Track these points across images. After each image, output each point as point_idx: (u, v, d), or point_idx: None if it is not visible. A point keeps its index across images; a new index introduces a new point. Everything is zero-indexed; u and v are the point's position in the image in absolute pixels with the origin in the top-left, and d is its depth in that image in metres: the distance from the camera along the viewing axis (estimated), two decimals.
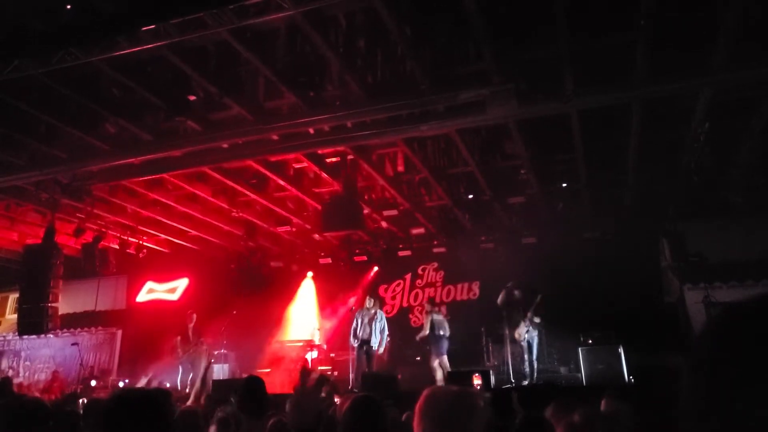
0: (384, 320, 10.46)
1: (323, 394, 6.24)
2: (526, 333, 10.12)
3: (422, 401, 1.90)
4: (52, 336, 14.59)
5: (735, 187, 10.16)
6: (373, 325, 10.19)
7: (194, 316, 11.00)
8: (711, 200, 10.54)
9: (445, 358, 10.20)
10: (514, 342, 10.49)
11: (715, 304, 10.23)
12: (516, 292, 10.35)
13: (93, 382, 12.45)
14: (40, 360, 15.24)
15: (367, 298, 10.73)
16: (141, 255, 13.52)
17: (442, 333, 10.28)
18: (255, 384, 4.15)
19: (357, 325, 10.29)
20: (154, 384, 11.41)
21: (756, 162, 9.22)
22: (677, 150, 9.03)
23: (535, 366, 10.07)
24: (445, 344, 10.30)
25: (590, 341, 10.04)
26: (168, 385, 11.62)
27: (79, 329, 14.95)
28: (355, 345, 10.24)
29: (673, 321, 11.01)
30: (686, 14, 5.99)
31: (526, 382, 9.85)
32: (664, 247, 11.61)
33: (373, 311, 10.35)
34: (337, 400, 5.42)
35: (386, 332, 10.45)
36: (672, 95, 7.33)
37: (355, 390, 8.49)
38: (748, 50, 6.25)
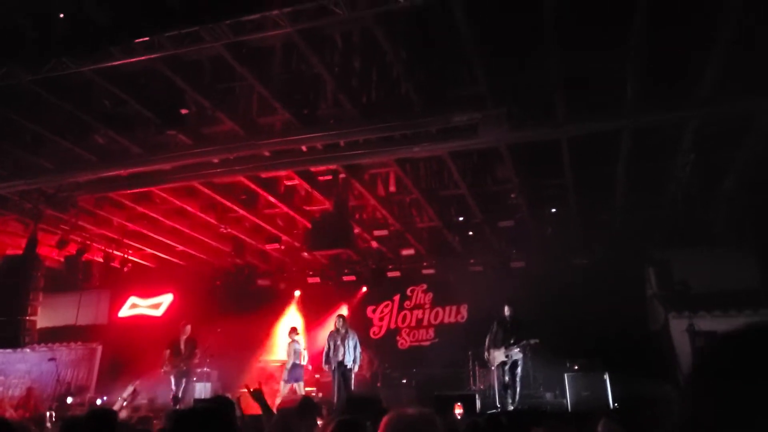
0: (356, 338, 10.41)
1: (305, 416, 6.11)
2: (506, 357, 9.95)
3: (383, 426, 1.91)
4: (28, 350, 14.24)
5: (720, 218, 10.30)
6: (346, 344, 10.13)
7: (188, 327, 10.85)
8: (696, 230, 10.65)
9: (302, 384, 11.01)
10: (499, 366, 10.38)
11: (699, 333, 10.29)
12: (506, 317, 10.19)
13: (69, 399, 12.13)
14: (15, 375, 14.80)
15: (337, 319, 10.64)
16: (125, 269, 13.32)
17: (298, 362, 11.07)
18: (223, 404, 4.02)
19: (329, 348, 10.20)
20: (140, 398, 11.18)
21: (740, 193, 9.36)
22: (664, 179, 9.15)
23: (518, 390, 9.96)
24: (301, 371, 11.15)
25: (576, 367, 10.03)
26: (145, 401, 11.40)
27: (57, 344, 14.59)
28: (330, 369, 10.17)
29: (658, 349, 11.03)
30: (675, 47, 6.12)
31: (511, 408, 9.76)
32: (650, 276, 11.70)
33: (343, 331, 10.28)
34: (319, 422, 5.30)
35: (359, 349, 10.38)
36: (660, 125, 7.46)
37: (338, 412, 8.35)
38: (734, 84, 6.39)
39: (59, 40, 5.77)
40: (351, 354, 10.13)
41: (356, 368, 10.35)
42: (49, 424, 9.06)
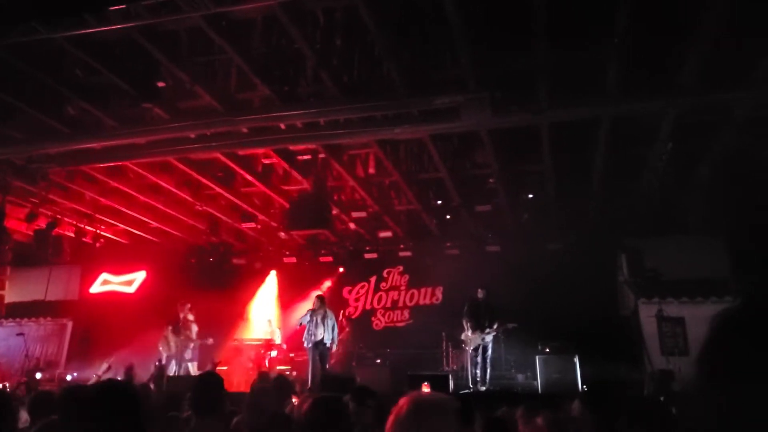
0: (333, 317, 10.50)
1: (281, 394, 6.12)
2: (481, 340, 10.12)
3: (401, 409, 1.87)
4: None
5: (692, 207, 10.52)
6: (326, 323, 10.24)
7: (188, 305, 10.82)
8: (669, 218, 10.88)
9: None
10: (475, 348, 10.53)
11: (667, 319, 10.61)
12: (480, 300, 10.32)
13: (38, 375, 11.93)
14: None
15: (315, 299, 10.71)
16: (97, 245, 13.07)
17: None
18: (211, 381, 4.00)
19: (311, 326, 10.26)
20: (114, 374, 11.07)
21: (714, 183, 9.54)
22: (641, 167, 9.29)
23: (488, 371, 10.14)
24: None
25: (547, 350, 10.23)
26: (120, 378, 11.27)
27: (26, 319, 14.30)
28: (309, 346, 10.23)
29: (627, 333, 11.31)
30: (658, 37, 6.16)
31: (483, 388, 9.92)
32: (622, 262, 11.94)
33: (321, 311, 10.35)
34: (294, 400, 5.31)
35: (336, 329, 10.48)
36: (640, 114, 7.53)
37: (313, 390, 8.38)
38: (714, 76, 6.47)
39: (29, 3, 5.54)
40: (329, 333, 10.22)
41: (334, 347, 10.46)
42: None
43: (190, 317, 11.40)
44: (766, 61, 6.23)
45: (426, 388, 8.77)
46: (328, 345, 10.22)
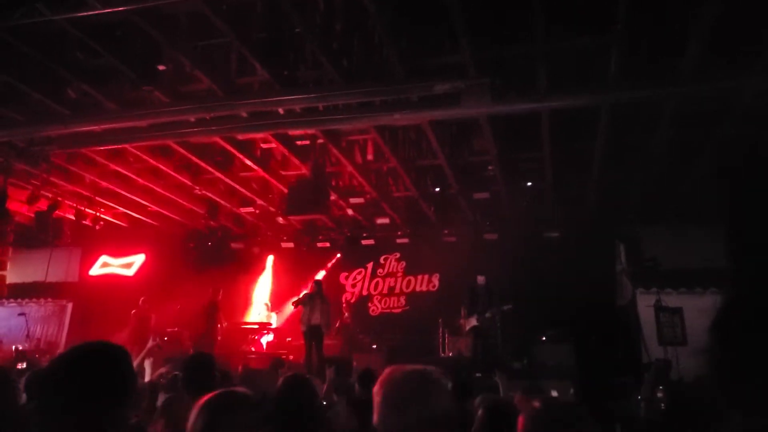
0: (329, 303, 10.57)
1: (274, 374, 6.22)
2: (478, 324, 10.18)
3: (382, 380, 1.89)
4: None
5: (692, 197, 10.51)
6: (322, 309, 10.32)
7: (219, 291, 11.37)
8: (668, 207, 10.88)
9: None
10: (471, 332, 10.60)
11: (665, 309, 10.63)
12: (480, 286, 10.36)
13: (37, 355, 12.04)
14: None
15: (312, 283, 10.81)
16: (97, 227, 13.10)
17: None
18: (202, 360, 4.04)
19: (307, 310, 10.36)
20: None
21: (714, 173, 9.54)
22: (640, 156, 9.27)
23: (485, 357, 10.20)
24: None
25: (544, 338, 10.29)
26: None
27: (27, 300, 14.41)
28: (304, 330, 10.32)
29: (624, 322, 11.35)
30: (659, 24, 6.14)
31: (479, 375, 10.00)
32: (620, 251, 11.95)
33: (318, 296, 10.44)
34: None
35: (330, 314, 10.62)
36: (640, 101, 7.51)
37: (310, 373, 8.49)
38: (715, 63, 6.46)
39: None
40: (324, 318, 10.30)
41: (328, 332, 10.54)
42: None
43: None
44: None
45: None
46: (323, 330, 10.32)
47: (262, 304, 13.97)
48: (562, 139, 8.72)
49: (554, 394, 3.27)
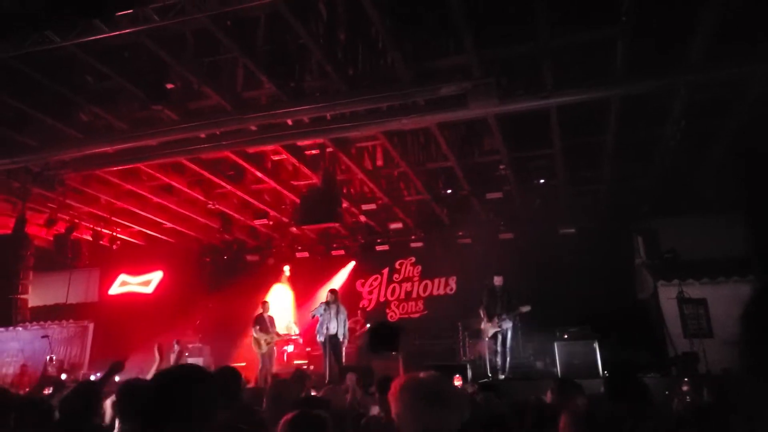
0: (345, 312, 10.51)
1: (299, 386, 6.21)
2: (499, 328, 10.08)
3: (399, 386, 1.90)
4: (21, 329, 14.24)
5: (708, 186, 10.36)
6: (338, 318, 10.25)
7: (268, 304, 11.13)
8: (685, 198, 10.73)
9: None
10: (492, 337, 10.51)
11: (688, 300, 10.46)
12: (498, 287, 10.25)
13: (63, 376, 12.17)
14: (8, 353, 14.83)
15: (328, 293, 10.71)
16: (114, 247, 13.26)
17: None
18: (229, 373, 4.07)
19: (325, 320, 10.29)
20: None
21: (729, 161, 9.41)
22: (653, 147, 9.17)
23: (508, 359, 10.09)
24: None
25: (566, 336, 10.14)
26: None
27: (49, 322, 14.59)
28: (321, 340, 10.27)
29: (646, 317, 11.21)
30: (666, 13, 6.08)
31: (502, 377, 9.90)
32: (638, 245, 11.82)
33: (334, 305, 10.37)
34: (313, 393, 5.39)
35: (347, 324, 10.52)
36: (649, 93, 7.43)
37: (332, 383, 8.46)
38: (724, 50, 6.37)
39: (42, 14, 5.63)
40: (342, 328, 10.23)
41: (346, 342, 10.45)
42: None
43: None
44: None
45: (458, 381, 8.77)
46: (340, 339, 10.25)
47: (287, 316, 13.93)
48: (572, 135, 8.66)
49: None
